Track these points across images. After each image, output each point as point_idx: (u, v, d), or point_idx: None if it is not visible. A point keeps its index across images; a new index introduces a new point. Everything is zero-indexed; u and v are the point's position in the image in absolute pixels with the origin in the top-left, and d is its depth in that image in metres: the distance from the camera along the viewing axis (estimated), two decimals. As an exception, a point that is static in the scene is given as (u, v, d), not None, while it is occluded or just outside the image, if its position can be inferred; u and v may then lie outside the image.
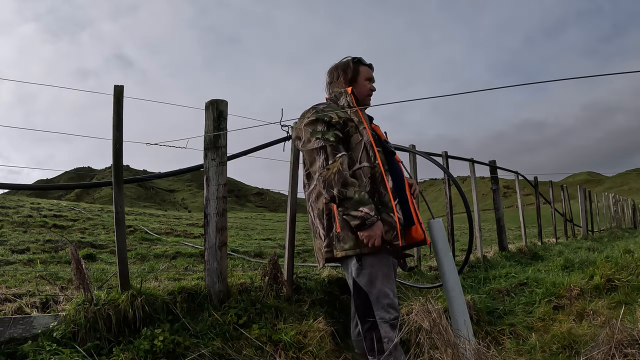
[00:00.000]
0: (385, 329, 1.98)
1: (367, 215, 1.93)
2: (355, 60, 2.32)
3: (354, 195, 1.95)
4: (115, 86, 2.51)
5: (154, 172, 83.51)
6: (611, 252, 5.42)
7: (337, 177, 1.96)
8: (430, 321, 1.61)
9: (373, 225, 1.95)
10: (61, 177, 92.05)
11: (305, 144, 2.08)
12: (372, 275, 2.04)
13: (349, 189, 1.95)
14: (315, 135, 2.05)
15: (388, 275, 2.07)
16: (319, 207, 2.15)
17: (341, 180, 1.96)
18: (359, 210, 1.93)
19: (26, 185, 2.95)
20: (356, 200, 1.94)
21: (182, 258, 5.29)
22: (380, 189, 2.08)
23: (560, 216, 11.32)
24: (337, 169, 1.97)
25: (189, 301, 2.60)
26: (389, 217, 2.05)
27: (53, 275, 3.44)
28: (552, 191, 10.86)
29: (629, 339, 1.86)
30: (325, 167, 1.99)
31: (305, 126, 2.09)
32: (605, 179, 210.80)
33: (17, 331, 2.12)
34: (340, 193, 1.95)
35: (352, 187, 1.96)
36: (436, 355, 1.54)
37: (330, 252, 2.09)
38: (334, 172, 1.97)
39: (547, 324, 3.16)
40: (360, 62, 2.32)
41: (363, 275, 2.05)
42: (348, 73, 2.29)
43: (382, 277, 2.05)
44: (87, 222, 8.59)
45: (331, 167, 1.98)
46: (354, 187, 1.96)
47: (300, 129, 2.13)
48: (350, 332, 2.41)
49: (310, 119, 2.09)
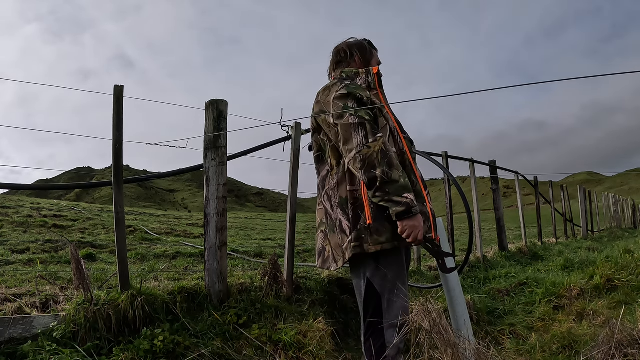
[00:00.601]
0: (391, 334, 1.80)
1: (413, 202, 1.72)
2: (369, 42, 2.15)
3: (400, 178, 1.73)
4: (115, 86, 2.51)
5: (154, 172, 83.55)
6: (611, 252, 5.42)
7: (382, 156, 1.74)
8: (430, 321, 1.61)
9: (418, 215, 1.74)
10: (61, 177, 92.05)
11: (340, 117, 1.84)
12: (389, 275, 1.83)
13: (394, 171, 1.73)
14: (349, 110, 1.83)
15: (404, 276, 1.90)
16: (340, 195, 1.88)
17: (385, 159, 1.74)
18: (403, 197, 1.71)
19: (26, 185, 2.95)
20: (402, 184, 1.73)
21: (182, 258, 5.30)
22: (412, 178, 1.90)
23: (560, 216, 11.32)
24: (381, 149, 1.75)
25: (189, 301, 2.60)
26: (423, 208, 1.87)
27: (53, 275, 3.44)
28: (552, 191, 10.86)
29: (629, 339, 1.86)
30: (365, 145, 1.75)
31: (336, 100, 1.87)
32: (605, 179, 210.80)
33: (17, 331, 2.12)
34: (385, 174, 1.72)
35: (396, 170, 1.74)
36: (436, 355, 1.54)
37: (359, 247, 1.80)
38: (376, 151, 1.74)
39: (547, 324, 3.16)
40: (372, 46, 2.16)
41: (379, 275, 1.84)
42: (365, 54, 2.10)
43: (398, 277, 1.85)
44: (87, 222, 8.59)
45: (372, 145, 1.75)
46: (398, 171, 1.75)
47: (328, 102, 1.90)
48: (350, 332, 2.40)
49: (341, 92, 1.88)
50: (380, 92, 2.04)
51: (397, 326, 1.80)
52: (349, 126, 1.80)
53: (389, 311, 1.83)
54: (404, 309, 1.81)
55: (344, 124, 1.82)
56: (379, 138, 1.77)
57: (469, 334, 2.19)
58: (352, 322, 3.20)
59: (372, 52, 2.14)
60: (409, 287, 3.63)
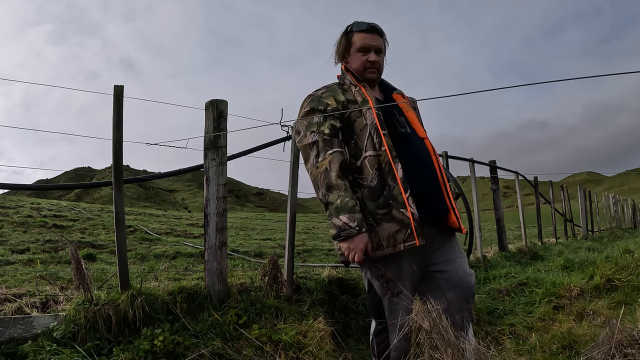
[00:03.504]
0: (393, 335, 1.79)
1: (345, 225, 1.70)
2: (347, 30, 1.96)
3: (336, 200, 1.72)
4: (115, 86, 2.51)
5: (154, 172, 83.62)
6: (611, 252, 5.42)
7: (323, 177, 1.75)
8: (430, 321, 1.61)
9: (353, 237, 1.70)
10: (61, 177, 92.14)
11: (301, 139, 1.85)
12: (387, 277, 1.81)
13: (332, 192, 1.73)
14: (311, 128, 1.82)
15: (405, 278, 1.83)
16: None
17: (325, 180, 1.74)
18: (337, 218, 1.71)
19: (26, 185, 2.95)
20: (337, 206, 1.71)
21: (182, 258, 5.29)
22: (388, 181, 1.78)
23: (560, 216, 11.32)
24: (325, 168, 1.75)
25: (189, 301, 2.61)
26: (400, 214, 1.76)
27: (53, 275, 3.44)
28: (552, 191, 10.86)
29: (629, 339, 1.86)
30: (314, 165, 1.78)
31: (302, 118, 1.87)
32: (605, 179, 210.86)
33: (17, 331, 2.12)
34: (324, 196, 1.75)
35: (336, 190, 1.72)
36: (436, 355, 1.54)
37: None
38: (321, 172, 1.76)
39: (547, 324, 3.16)
40: (353, 31, 1.94)
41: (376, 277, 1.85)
42: (339, 47, 1.99)
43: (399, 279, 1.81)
44: (87, 222, 8.59)
45: (319, 165, 1.77)
46: (338, 191, 1.72)
47: (298, 122, 1.90)
48: (350, 332, 2.40)
49: (305, 109, 1.87)
50: (362, 87, 1.91)
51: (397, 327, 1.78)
52: (305, 147, 1.82)
53: (390, 312, 1.83)
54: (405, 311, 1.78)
55: (302, 146, 1.84)
56: (327, 156, 1.76)
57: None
58: (352, 322, 3.20)
59: (349, 41, 1.96)
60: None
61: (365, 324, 3.24)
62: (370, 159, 1.81)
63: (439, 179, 1.89)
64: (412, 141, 1.90)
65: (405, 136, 1.89)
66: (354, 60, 1.95)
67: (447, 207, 1.88)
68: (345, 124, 1.86)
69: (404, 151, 1.85)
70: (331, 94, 1.90)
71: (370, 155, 1.81)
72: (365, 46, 1.92)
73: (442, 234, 1.92)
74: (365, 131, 1.83)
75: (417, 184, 1.83)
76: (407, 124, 1.93)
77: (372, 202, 1.79)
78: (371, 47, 1.92)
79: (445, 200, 1.88)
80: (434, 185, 1.88)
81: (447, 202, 1.89)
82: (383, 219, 1.78)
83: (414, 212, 1.76)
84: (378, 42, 1.94)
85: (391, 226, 1.77)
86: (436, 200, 1.87)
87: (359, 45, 1.93)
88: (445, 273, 1.88)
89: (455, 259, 1.91)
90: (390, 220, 1.77)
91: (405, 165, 1.82)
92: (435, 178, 1.89)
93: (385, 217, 1.78)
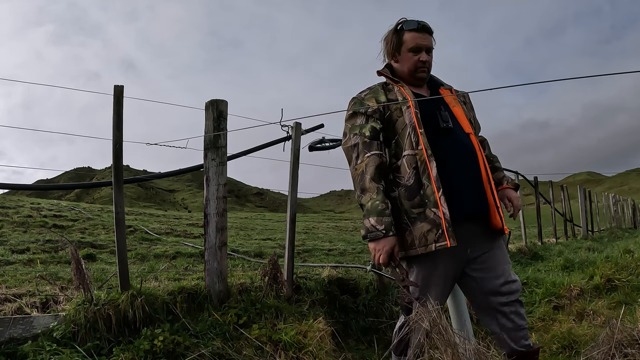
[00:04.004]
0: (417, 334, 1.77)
1: (373, 228, 1.74)
2: (397, 28, 1.94)
3: (367, 202, 1.77)
4: (115, 86, 2.52)
5: (154, 172, 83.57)
6: (611, 252, 5.42)
7: (359, 179, 1.81)
8: (430, 321, 1.61)
9: (379, 239, 1.74)
10: (61, 177, 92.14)
11: (345, 142, 1.89)
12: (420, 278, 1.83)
13: (365, 194, 1.78)
14: (354, 131, 1.86)
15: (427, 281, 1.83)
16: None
17: (360, 183, 1.80)
18: (368, 220, 1.76)
19: (26, 185, 2.95)
20: (367, 209, 1.76)
21: (182, 258, 5.29)
22: (423, 180, 1.78)
23: (560, 216, 11.32)
24: (362, 171, 1.80)
25: (189, 301, 2.61)
26: (432, 213, 1.76)
27: (53, 275, 3.44)
28: (552, 191, 10.85)
29: (629, 339, 1.86)
30: (354, 167, 1.83)
31: (346, 121, 1.92)
32: (605, 179, 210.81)
33: (17, 331, 2.12)
34: (358, 198, 1.81)
35: (369, 193, 1.78)
36: (436, 355, 1.54)
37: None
38: (358, 174, 1.81)
39: (547, 324, 3.16)
40: (404, 30, 1.93)
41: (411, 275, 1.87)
42: (389, 46, 1.97)
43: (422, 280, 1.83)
44: (87, 222, 8.59)
45: (358, 167, 1.82)
46: (370, 194, 1.77)
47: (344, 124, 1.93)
48: (350, 332, 2.40)
49: (349, 112, 1.91)
50: (400, 87, 1.91)
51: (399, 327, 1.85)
52: (348, 149, 1.87)
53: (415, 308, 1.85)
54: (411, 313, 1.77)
55: (345, 148, 1.89)
56: (365, 158, 1.80)
57: (469, 334, 2.18)
58: (352, 322, 3.20)
59: (400, 40, 1.93)
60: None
61: (365, 324, 3.24)
62: (408, 157, 1.82)
63: (482, 176, 1.85)
64: (454, 136, 1.87)
65: (447, 131, 1.87)
66: (405, 59, 1.94)
67: (489, 205, 1.84)
68: (387, 124, 1.88)
69: (444, 147, 1.84)
70: (373, 95, 1.91)
71: (408, 154, 1.82)
72: (417, 46, 1.91)
73: (484, 234, 1.88)
74: (406, 130, 1.83)
75: (455, 181, 1.81)
76: (451, 119, 1.90)
77: (408, 202, 1.80)
78: (422, 46, 1.91)
79: (487, 197, 1.84)
80: (474, 181, 1.84)
81: (490, 200, 1.84)
82: (417, 218, 1.79)
83: (446, 212, 1.75)
84: (429, 42, 1.94)
85: (423, 226, 1.77)
86: (476, 197, 1.83)
87: (411, 45, 1.91)
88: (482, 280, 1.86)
89: (496, 266, 1.87)
90: (423, 220, 1.77)
91: (444, 161, 1.81)
92: (477, 174, 1.85)
93: (419, 216, 1.79)
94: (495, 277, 1.86)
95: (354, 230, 12.70)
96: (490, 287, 1.85)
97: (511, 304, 1.86)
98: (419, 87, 1.98)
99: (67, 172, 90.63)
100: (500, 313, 1.86)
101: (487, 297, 1.86)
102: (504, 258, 1.91)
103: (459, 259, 1.84)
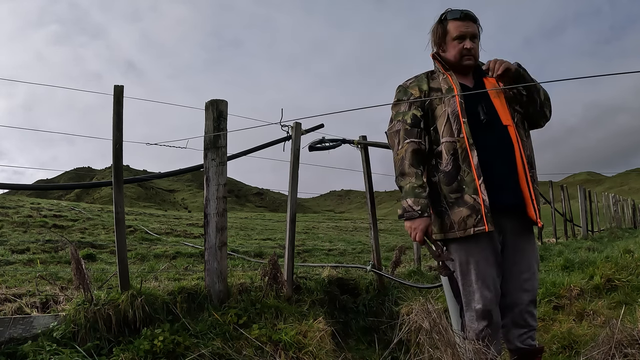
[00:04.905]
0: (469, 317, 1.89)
1: (409, 208, 1.86)
2: (442, 18, 2.00)
3: (406, 185, 1.89)
4: (115, 86, 2.51)
5: (154, 172, 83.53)
6: (611, 252, 5.42)
7: (399, 164, 1.93)
8: (430, 321, 1.61)
9: (415, 219, 1.86)
10: (61, 177, 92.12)
11: (390, 128, 2.02)
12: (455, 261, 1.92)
13: (404, 178, 1.90)
14: (397, 117, 1.99)
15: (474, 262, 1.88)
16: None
17: (400, 167, 1.92)
18: (405, 201, 1.88)
19: (26, 185, 2.95)
20: (405, 191, 1.89)
21: (182, 258, 5.29)
22: (463, 167, 1.86)
23: (560, 216, 11.32)
24: (402, 156, 1.92)
25: (189, 301, 2.61)
26: (471, 199, 1.83)
27: (53, 275, 3.44)
28: (552, 191, 10.85)
29: (629, 339, 1.86)
30: (396, 152, 1.96)
31: (392, 108, 2.04)
32: (605, 179, 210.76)
33: (17, 331, 2.12)
34: (397, 181, 1.94)
35: (407, 177, 1.89)
36: (436, 355, 1.54)
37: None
38: (399, 159, 1.93)
39: (547, 324, 3.16)
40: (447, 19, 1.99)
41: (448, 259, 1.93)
42: (435, 36, 2.04)
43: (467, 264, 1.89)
44: (87, 222, 8.59)
45: (399, 152, 1.94)
46: (409, 177, 1.89)
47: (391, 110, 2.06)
48: (350, 332, 2.40)
49: (394, 100, 2.04)
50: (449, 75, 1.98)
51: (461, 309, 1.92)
52: (392, 134, 1.99)
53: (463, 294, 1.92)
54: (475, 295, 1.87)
55: (389, 133, 2.02)
56: (405, 145, 1.92)
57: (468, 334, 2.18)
58: (352, 322, 3.20)
59: (444, 30, 1.99)
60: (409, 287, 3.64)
61: (365, 324, 3.24)
62: (446, 144, 1.90)
63: (519, 169, 1.88)
64: (493, 128, 1.90)
65: (487, 123, 1.90)
66: (450, 48, 1.98)
67: (525, 198, 1.87)
68: (427, 111, 1.98)
69: (484, 138, 1.88)
70: (417, 84, 2.03)
71: (446, 141, 1.90)
72: (461, 34, 1.95)
73: (520, 227, 1.94)
74: (444, 118, 1.92)
75: (493, 173, 1.86)
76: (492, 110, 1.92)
77: (447, 187, 1.90)
78: (467, 34, 1.95)
79: (524, 190, 1.87)
80: (511, 174, 1.88)
81: (526, 193, 1.87)
82: (455, 203, 1.88)
83: (485, 199, 1.82)
84: (473, 29, 1.97)
85: (462, 210, 1.86)
86: (513, 189, 1.88)
87: (455, 34, 1.96)
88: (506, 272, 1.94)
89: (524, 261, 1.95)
90: (462, 205, 1.86)
91: (483, 152, 1.86)
92: (514, 167, 1.88)
93: (457, 201, 1.87)
94: (520, 272, 1.93)
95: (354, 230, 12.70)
96: (514, 279, 1.93)
97: (528, 303, 1.94)
98: (464, 77, 2.03)
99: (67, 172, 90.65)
100: (517, 308, 1.93)
101: (508, 288, 1.94)
102: (532, 254, 1.98)
103: (495, 244, 1.90)
